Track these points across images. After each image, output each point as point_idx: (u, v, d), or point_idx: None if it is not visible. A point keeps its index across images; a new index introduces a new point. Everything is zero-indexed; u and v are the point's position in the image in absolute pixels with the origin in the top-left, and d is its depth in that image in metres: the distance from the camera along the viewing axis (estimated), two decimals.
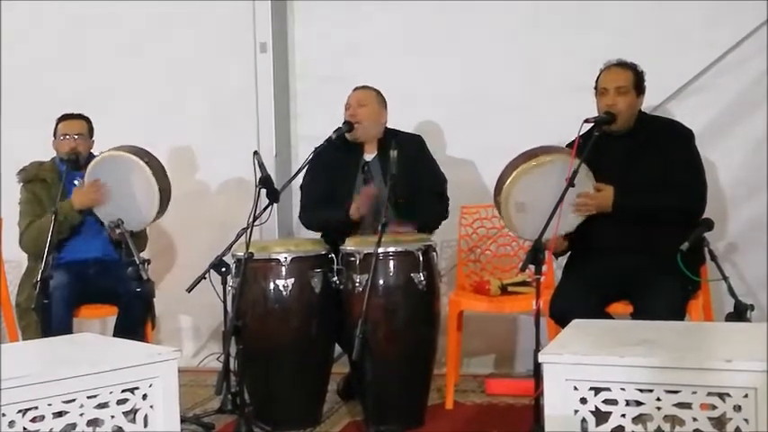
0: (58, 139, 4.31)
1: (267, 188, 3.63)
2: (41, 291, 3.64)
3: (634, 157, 3.65)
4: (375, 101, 4.20)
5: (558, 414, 2.32)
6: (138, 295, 3.80)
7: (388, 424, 3.58)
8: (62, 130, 4.31)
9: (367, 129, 4.15)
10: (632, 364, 2.26)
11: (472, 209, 4.58)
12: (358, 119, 4.12)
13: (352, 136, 4.14)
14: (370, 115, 4.16)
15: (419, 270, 3.72)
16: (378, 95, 4.22)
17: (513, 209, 3.57)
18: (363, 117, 4.13)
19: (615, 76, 3.66)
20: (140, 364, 2.53)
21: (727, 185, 4.34)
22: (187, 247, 5.16)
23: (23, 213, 4.26)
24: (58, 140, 4.31)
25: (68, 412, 2.38)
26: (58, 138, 4.31)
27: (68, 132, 4.29)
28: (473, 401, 4.20)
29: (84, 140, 4.32)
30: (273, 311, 3.80)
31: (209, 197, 5.20)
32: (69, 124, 4.32)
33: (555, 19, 4.62)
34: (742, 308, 3.08)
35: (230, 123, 5.11)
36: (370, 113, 4.16)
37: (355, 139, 4.17)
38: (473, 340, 4.59)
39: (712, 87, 4.40)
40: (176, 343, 5.05)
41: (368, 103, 4.17)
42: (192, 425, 3.80)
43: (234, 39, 5.09)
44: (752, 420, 2.16)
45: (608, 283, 3.55)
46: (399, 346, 3.71)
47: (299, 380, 3.84)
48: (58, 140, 4.31)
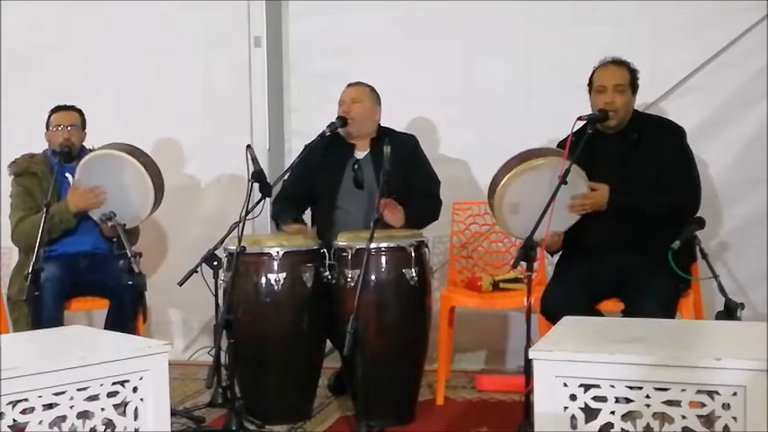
0: (51, 131, 4.29)
1: (260, 182, 3.63)
2: (32, 283, 3.63)
3: (627, 155, 3.65)
4: (369, 97, 4.18)
5: (547, 410, 2.33)
6: (130, 288, 3.79)
7: (378, 419, 3.58)
8: (55, 120, 4.29)
9: (360, 125, 4.14)
10: (622, 362, 2.27)
11: (464, 205, 4.59)
12: (352, 115, 4.10)
13: (345, 131, 4.13)
14: (363, 112, 4.14)
15: (411, 266, 3.73)
16: (372, 92, 4.21)
17: (507, 210, 3.57)
18: (357, 113, 4.11)
19: (613, 73, 3.66)
20: (131, 357, 2.53)
21: (719, 184, 4.35)
22: (179, 241, 5.16)
23: (15, 207, 4.25)
24: (51, 131, 4.29)
25: (58, 404, 2.38)
26: (51, 129, 4.29)
27: (62, 123, 4.27)
28: (464, 397, 4.20)
29: (78, 132, 4.30)
30: (265, 306, 3.80)
31: (202, 191, 5.19)
32: (63, 115, 4.30)
33: (550, 17, 4.61)
34: (732, 306, 3.09)
35: (224, 117, 5.10)
36: (363, 110, 4.14)
37: (348, 135, 4.16)
38: (464, 336, 4.59)
39: (706, 86, 4.40)
40: (167, 336, 5.04)
41: (362, 99, 4.15)
42: (183, 418, 3.80)
43: (228, 33, 5.09)
44: (740, 418, 2.17)
45: (599, 280, 3.56)
46: (391, 341, 3.72)
47: (289, 374, 3.84)
48: (51, 131, 4.29)
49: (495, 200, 3.58)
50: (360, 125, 4.13)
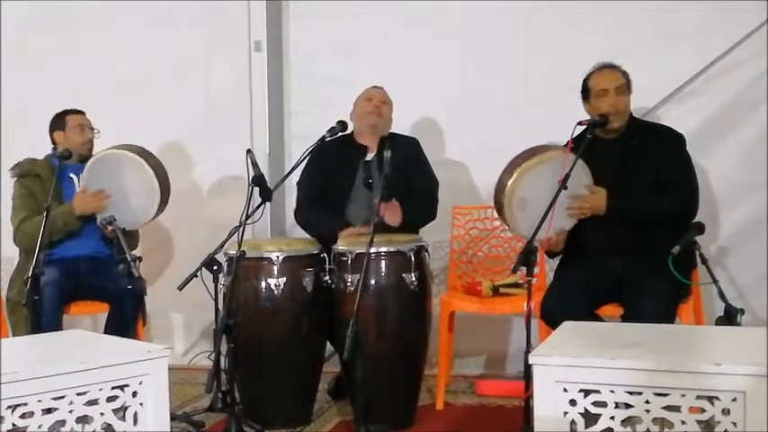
0: (74, 129, 4.29)
1: (260, 187, 3.63)
2: (32, 287, 3.63)
3: (627, 160, 3.66)
4: (391, 104, 4.28)
5: (547, 415, 2.33)
6: (130, 293, 3.80)
7: (378, 424, 3.59)
8: (76, 121, 4.31)
9: (385, 127, 4.22)
10: (622, 367, 2.26)
11: (464, 210, 4.59)
12: (382, 113, 4.19)
13: (374, 130, 4.17)
14: (389, 113, 4.26)
15: (411, 270, 3.73)
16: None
17: (517, 206, 3.55)
18: (386, 113, 4.22)
19: (611, 76, 3.67)
20: (130, 361, 2.53)
21: (719, 189, 4.35)
22: (179, 245, 5.16)
23: (18, 208, 4.24)
24: (72, 131, 4.29)
25: (58, 409, 2.37)
26: (71, 128, 4.29)
27: (83, 124, 4.31)
28: (463, 402, 4.20)
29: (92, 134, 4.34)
30: (265, 310, 3.80)
31: (202, 195, 5.19)
32: (82, 117, 4.34)
33: (550, 21, 4.63)
34: (732, 312, 3.08)
35: (224, 121, 5.10)
36: (389, 111, 4.26)
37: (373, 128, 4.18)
38: (464, 341, 4.59)
39: (704, 91, 4.41)
40: (167, 340, 5.04)
41: (388, 102, 4.27)
42: (182, 423, 3.80)
43: (229, 37, 5.09)
44: (740, 424, 2.17)
45: (599, 285, 3.56)
46: (390, 345, 3.71)
47: (289, 379, 3.84)
48: (72, 131, 4.29)
49: (506, 195, 3.55)
50: (385, 126, 4.22)
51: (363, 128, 4.22)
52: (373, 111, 4.18)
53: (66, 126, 4.31)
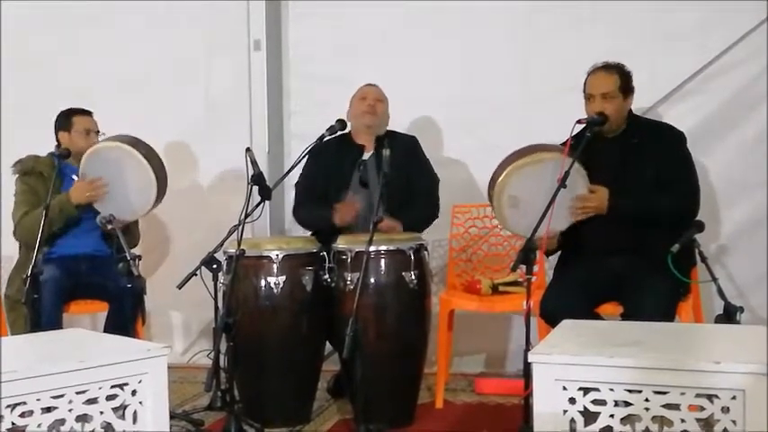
0: (80, 133, 4.27)
1: (259, 185, 3.63)
2: (31, 285, 3.63)
3: (627, 159, 3.66)
4: (386, 99, 4.27)
5: (547, 414, 2.33)
6: (129, 291, 3.79)
7: (377, 422, 3.57)
8: (83, 125, 4.29)
9: (381, 125, 4.21)
10: (621, 365, 2.27)
11: (464, 208, 4.59)
12: (377, 111, 4.17)
13: (366, 129, 4.17)
14: (384, 111, 4.24)
15: (410, 269, 3.73)
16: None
17: (506, 203, 3.57)
18: (381, 111, 4.21)
19: (600, 81, 3.65)
20: (130, 360, 2.53)
21: (719, 188, 4.35)
22: (179, 244, 5.16)
23: (19, 204, 4.23)
24: (77, 135, 4.27)
25: (57, 408, 2.37)
26: (77, 132, 4.27)
27: (90, 128, 4.30)
28: (463, 400, 4.20)
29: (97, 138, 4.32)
30: (264, 309, 3.80)
31: (202, 194, 5.19)
32: (88, 120, 4.32)
33: (550, 21, 4.63)
34: (732, 310, 3.08)
35: (223, 120, 5.11)
36: (384, 109, 4.25)
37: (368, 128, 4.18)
38: (463, 339, 4.59)
39: (704, 90, 4.41)
40: (167, 339, 5.04)
41: (383, 99, 4.25)
42: (182, 421, 3.80)
43: (228, 36, 5.10)
44: (739, 422, 2.17)
45: (598, 283, 3.56)
46: (390, 344, 3.72)
47: (289, 377, 3.84)
48: (77, 135, 4.27)
49: (496, 191, 3.57)
50: (381, 124, 4.21)
51: (359, 127, 4.22)
52: (368, 110, 4.17)
53: (72, 128, 4.29)
